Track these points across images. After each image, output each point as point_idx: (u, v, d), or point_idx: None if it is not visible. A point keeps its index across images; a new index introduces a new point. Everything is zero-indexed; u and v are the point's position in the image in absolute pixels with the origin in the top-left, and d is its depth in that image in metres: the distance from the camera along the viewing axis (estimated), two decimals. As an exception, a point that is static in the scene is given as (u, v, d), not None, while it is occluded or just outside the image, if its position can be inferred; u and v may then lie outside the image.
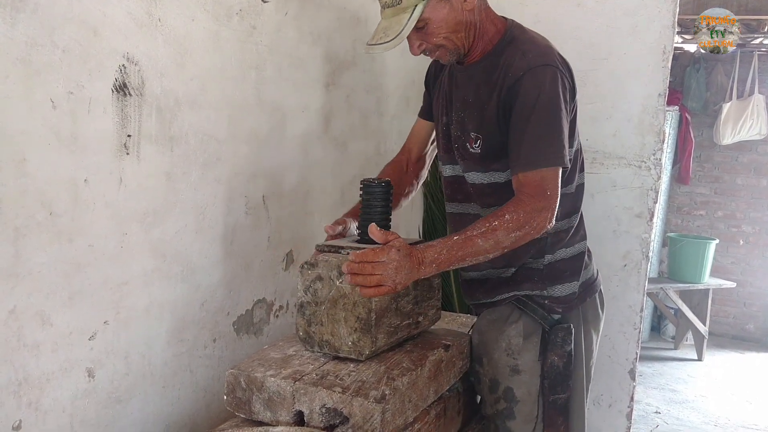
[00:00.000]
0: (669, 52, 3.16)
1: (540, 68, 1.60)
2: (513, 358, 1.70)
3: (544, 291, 1.71)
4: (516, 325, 1.71)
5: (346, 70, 2.63)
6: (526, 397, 1.70)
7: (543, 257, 1.72)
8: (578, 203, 1.78)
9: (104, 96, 1.57)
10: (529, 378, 1.70)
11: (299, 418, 1.37)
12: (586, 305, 1.78)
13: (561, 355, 1.67)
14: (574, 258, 1.76)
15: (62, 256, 1.51)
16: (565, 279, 1.73)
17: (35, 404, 1.50)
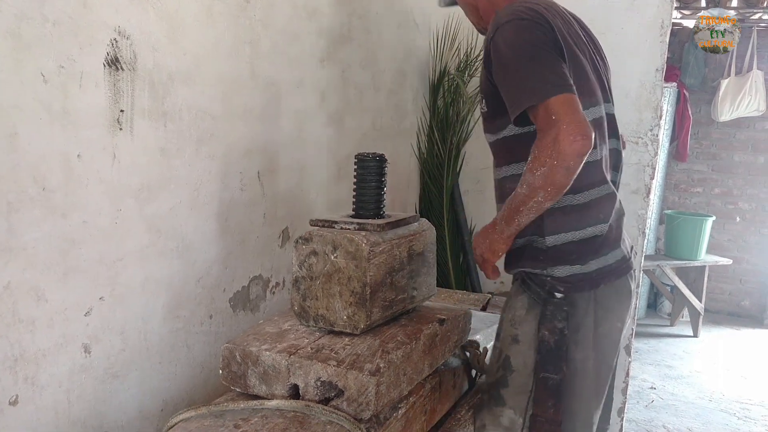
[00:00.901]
0: (667, 27, 3.14)
1: (505, 24, 1.61)
2: (515, 328, 1.70)
3: (545, 270, 1.67)
4: (521, 298, 1.71)
5: (341, 44, 2.60)
6: (521, 368, 1.67)
7: (544, 238, 1.66)
8: (585, 181, 1.63)
9: (96, 70, 1.56)
10: (526, 349, 1.67)
11: (294, 391, 1.37)
12: (602, 291, 1.68)
13: (552, 330, 1.63)
14: (583, 242, 1.66)
15: (56, 231, 1.51)
16: (569, 261, 1.66)
17: (31, 379, 1.50)
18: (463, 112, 3.45)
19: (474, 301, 2.62)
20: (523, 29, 1.59)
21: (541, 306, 1.66)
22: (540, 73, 1.54)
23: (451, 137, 3.49)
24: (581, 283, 1.65)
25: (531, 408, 1.65)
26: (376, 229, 1.50)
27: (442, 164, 3.53)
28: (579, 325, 1.65)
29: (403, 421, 1.46)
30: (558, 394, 1.62)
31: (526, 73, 1.55)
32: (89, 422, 1.67)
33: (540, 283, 1.67)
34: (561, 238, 1.65)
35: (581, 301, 1.65)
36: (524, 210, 1.57)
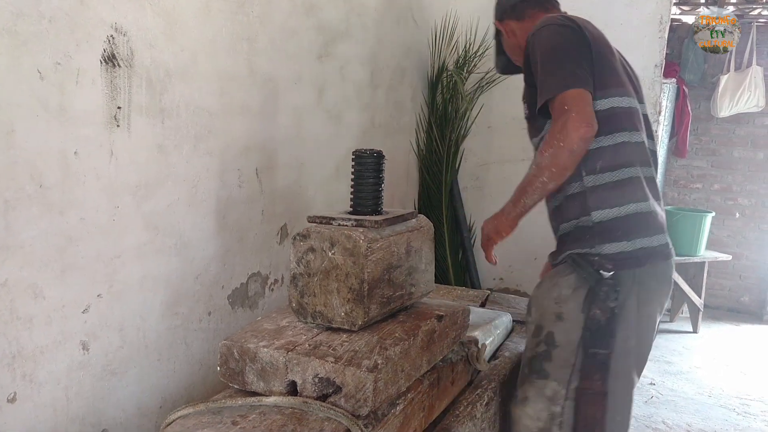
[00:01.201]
0: (666, 23, 3.14)
1: (541, 29, 1.81)
2: (559, 305, 1.78)
3: (593, 248, 1.76)
4: (567, 278, 1.79)
5: (339, 41, 2.60)
6: (565, 343, 1.76)
7: (590, 215, 1.77)
8: (621, 159, 1.78)
9: (93, 67, 1.55)
10: (570, 326, 1.76)
11: (292, 388, 1.37)
12: (645, 271, 1.78)
13: (603, 310, 1.72)
14: (627, 218, 1.76)
15: (53, 228, 1.51)
16: (615, 238, 1.76)
17: (30, 376, 1.50)
18: (461, 108, 3.45)
19: (473, 298, 2.62)
20: (554, 32, 1.80)
21: (590, 286, 1.75)
22: (561, 70, 1.73)
23: (449, 134, 3.49)
24: (628, 261, 1.75)
25: (575, 380, 1.75)
26: (373, 226, 1.49)
27: (441, 161, 3.53)
28: (623, 304, 1.74)
29: (402, 417, 1.45)
30: (606, 367, 1.73)
31: (551, 69, 1.75)
32: (88, 419, 1.67)
33: (589, 262, 1.75)
34: (606, 213, 1.76)
35: (626, 280, 1.75)
36: (530, 190, 1.77)
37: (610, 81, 1.80)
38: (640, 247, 1.77)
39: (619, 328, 1.75)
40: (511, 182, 3.51)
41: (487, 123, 3.60)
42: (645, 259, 1.77)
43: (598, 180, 1.78)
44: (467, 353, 1.84)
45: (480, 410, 1.74)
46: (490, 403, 1.81)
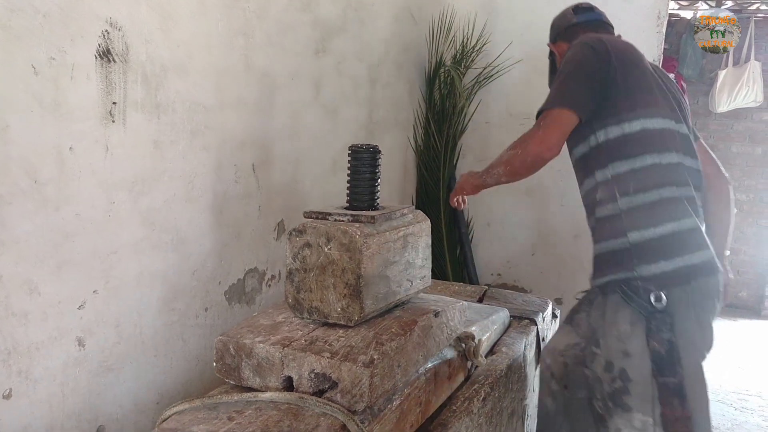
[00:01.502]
0: (663, 18, 3.13)
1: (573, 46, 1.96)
2: (623, 343, 1.80)
3: (633, 272, 1.78)
4: (623, 313, 1.81)
5: (335, 36, 2.59)
6: (639, 378, 1.78)
7: (626, 236, 1.80)
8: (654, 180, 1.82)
9: (87, 62, 1.55)
10: (639, 361, 1.78)
11: (288, 383, 1.37)
12: (694, 290, 1.79)
13: (660, 342, 1.76)
14: (664, 237, 1.78)
15: (49, 224, 1.50)
16: (654, 258, 1.77)
17: (25, 373, 1.50)
18: (459, 104, 3.45)
19: (470, 293, 2.62)
20: (577, 51, 1.92)
21: (645, 320, 1.78)
22: (563, 87, 1.88)
23: (447, 129, 3.48)
24: (671, 280, 1.76)
25: (658, 407, 1.77)
26: (369, 221, 1.49)
27: (438, 156, 3.52)
28: (683, 331, 1.77)
29: (398, 412, 1.45)
30: (681, 392, 1.76)
31: (558, 84, 1.91)
32: (84, 415, 1.67)
33: (635, 291, 1.77)
34: (642, 234, 1.78)
35: (681, 307, 1.77)
36: (491, 172, 2.06)
37: (640, 102, 1.85)
38: (682, 265, 1.78)
39: (684, 354, 1.77)
40: (509, 178, 3.51)
41: (484, 119, 3.59)
42: (688, 277, 1.78)
43: (633, 201, 1.81)
44: (464, 349, 1.84)
45: (477, 405, 1.74)
46: (487, 398, 1.81)
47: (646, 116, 1.85)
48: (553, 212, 3.49)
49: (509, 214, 3.61)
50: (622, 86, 1.85)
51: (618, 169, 1.85)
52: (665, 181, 1.83)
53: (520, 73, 3.45)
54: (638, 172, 1.83)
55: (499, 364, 1.98)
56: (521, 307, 2.55)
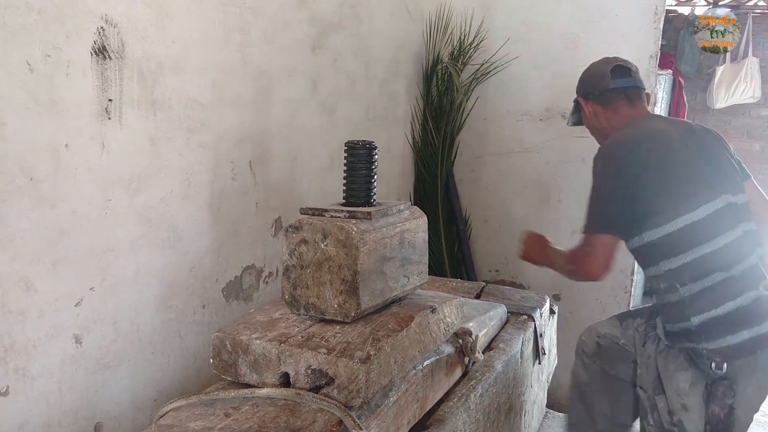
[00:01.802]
0: (661, 14, 3.13)
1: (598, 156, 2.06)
2: (681, 398, 1.92)
3: (700, 344, 1.87)
4: (685, 374, 1.92)
5: (332, 32, 2.59)
6: (694, 429, 1.90)
7: (689, 320, 1.89)
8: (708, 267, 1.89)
9: (83, 59, 1.54)
10: (696, 416, 1.89)
11: (285, 379, 1.37)
12: (757, 358, 1.86)
13: (722, 407, 1.86)
14: (726, 316, 1.86)
15: (45, 221, 1.50)
16: (719, 335, 1.86)
17: (22, 370, 1.50)
18: (456, 100, 3.44)
19: (468, 290, 2.62)
20: (603, 167, 2.02)
21: (707, 383, 1.88)
22: (597, 209, 2.01)
23: (445, 126, 3.48)
24: (736, 353, 1.85)
25: None
26: (366, 217, 1.49)
27: (436, 153, 3.52)
28: (744, 395, 1.86)
29: (395, 408, 1.46)
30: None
31: (592, 204, 2.02)
32: (81, 412, 1.67)
33: (701, 357, 1.88)
34: (704, 316, 1.87)
35: (744, 373, 1.86)
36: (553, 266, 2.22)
37: (680, 198, 1.92)
38: (748, 338, 1.85)
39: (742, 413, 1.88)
40: (507, 174, 3.53)
41: (482, 115, 3.59)
42: (754, 348, 1.85)
43: (692, 289, 1.90)
44: (461, 344, 1.84)
45: (474, 401, 1.74)
46: (485, 394, 1.81)
47: (687, 211, 1.90)
48: (551, 208, 3.49)
49: (507, 211, 3.61)
50: (656, 190, 1.92)
51: (670, 266, 1.94)
52: (719, 266, 1.89)
53: (518, 69, 3.45)
54: (691, 264, 1.90)
55: (497, 360, 1.99)
56: (519, 303, 2.55)
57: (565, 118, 3.36)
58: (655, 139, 2.01)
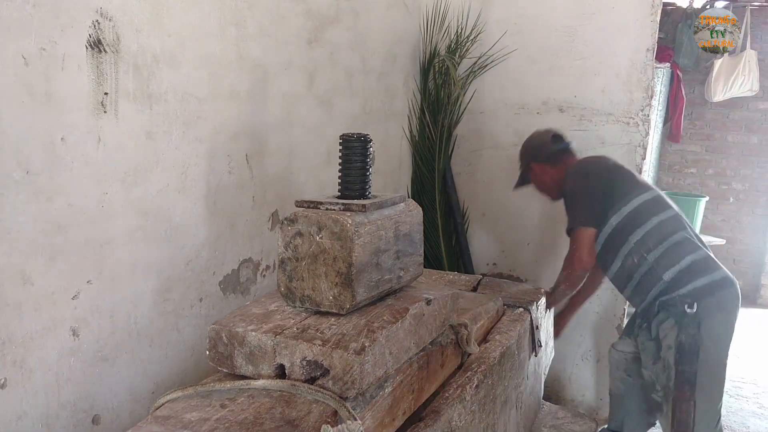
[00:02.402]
0: (658, 6, 3.13)
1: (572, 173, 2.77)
2: (666, 339, 2.45)
3: (674, 293, 2.44)
4: (668, 321, 2.46)
5: (329, 26, 2.59)
6: (672, 365, 2.42)
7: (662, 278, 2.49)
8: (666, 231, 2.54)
9: (78, 52, 1.55)
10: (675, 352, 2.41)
11: (281, 371, 1.38)
12: (720, 298, 2.43)
13: (689, 336, 2.37)
14: (688, 268, 2.47)
15: (41, 215, 1.51)
16: (687, 282, 2.44)
17: (20, 363, 1.51)
18: (454, 94, 3.44)
19: (465, 282, 2.63)
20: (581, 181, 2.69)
21: (677, 319, 2.41)
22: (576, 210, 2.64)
23: (442, 119, 3.48)
24: (701, 293, 2.41)
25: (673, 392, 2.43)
26: (361, 210, 1.49)
27: (433, 147, 3.53)
28: (709, 329, 2.39)
29: (390, 399, 1.47)
30: (692, 380, 2.37)
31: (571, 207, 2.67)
32: (79, 405, 1.68)
33: (673, 303, 2.43)
34: (673, 270, 2.48)
35: (707, 312, 2.39)
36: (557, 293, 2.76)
37: (632, 188, 2.63)
38: (707, 282, 2.43)
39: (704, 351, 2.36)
40: (504, 167, 3.53)
41: (479, 108, 3.59)
42: (713, 290, 2.42)
43: (657, 253, 2.51)
44: (457, 337, 1.85)
45: (470, 393, 1.75)
46: (480, 385, 1.82)
47: (638, 195, 2.59)
48: (548, 202, 3.49)
49: (505, 204, 3.61)
50: (617, 185, 2.62)
51: (636, 237, 2.55)
52: (674, 229, 2.54)
53: (515, 62, 3.45)
54: (650, 232, 2.54)
55: (493, 352, 2.00)
56: (515, 296, 2.56)
57: (562, 111, 3.37)
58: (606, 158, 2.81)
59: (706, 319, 2.38)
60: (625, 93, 3.22)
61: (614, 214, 2.58)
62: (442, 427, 1.58)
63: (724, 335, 2.46)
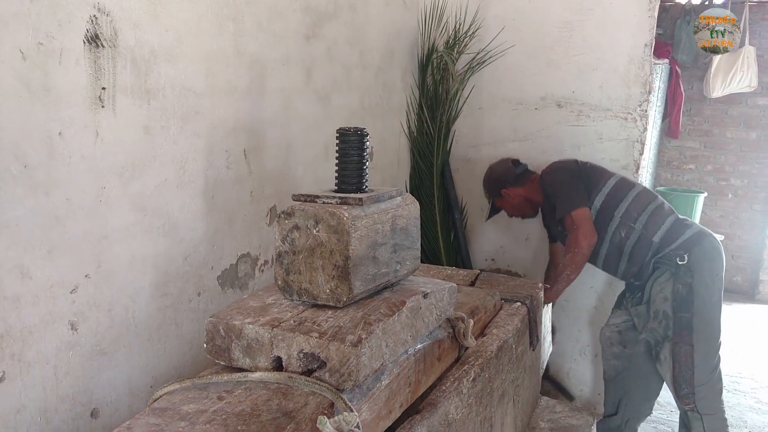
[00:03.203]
0: (656, 2, 3.13)
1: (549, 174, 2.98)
2: (662, 292, 2.70)
3: (666, 250, 2.71)
4: (664, 275, 2.70)
5: (327, 21, 2.59)
6: (671, 313, 2.66)
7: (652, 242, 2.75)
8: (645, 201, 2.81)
9: (76, 47, 1.55)
10: (671, 302, 2.66)
11: (278, 363, 1.38)
12: (703, 247, 2.69)
13: (684, 284, 2.63)
14: (672, 226, 2.76)
15: (39, 209, 1.51)
16: (674, 238, 2.72)
17: (18, 356, 1.51)
18: (452, 89, 3.45)
19: (463, 277, 2.63)
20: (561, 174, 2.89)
21: (672, 271, 2.66)
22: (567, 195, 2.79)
23: (440, 115, 3.49)
24: (689, 244, 2.69)
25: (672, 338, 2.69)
26: (357, 203, 1.50)
27: (432, 142, 3.53)
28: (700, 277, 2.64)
29: (387, 392, 1.47)
30: (690, 326, 2.63)
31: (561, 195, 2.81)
32: (78, 398, 1.69)
33: (668, 258, 2.69)
34: (661, 232, 2.75)
35: (697, 262, 2.64)
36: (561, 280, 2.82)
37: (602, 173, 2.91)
38: (691, 235, 2.72)
39: (698, 297, 2.62)
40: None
41: (477, 104, 3.60)
42: (699, 240, 2.70)
43: (642, 220, 2.77)
44: (454, 330, 1.86)
45: (467, 386, 1.76)
46: (477, 379, 1.83)
47: (610, 177, 2.88)
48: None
49: (503, 200, 3.62)
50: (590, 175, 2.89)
51: (621, 211, 2.80)
52: (650, 199, 2.83)
53: (513, 58, 3.45)
54: (632, 203, 2.80)
55: (490, 346, 2.00)
56: (513, 290, 2.56)
57: (560, 106, 3.38)
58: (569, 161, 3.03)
59: (696, 268, 2.64)
60: (623, 88, 3.23)
61: (596, 196, 2.82)
62: (438, 420, 1.59)
63: (713, 282, 2.68)
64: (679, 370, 2.68)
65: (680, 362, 2.66)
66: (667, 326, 2.69)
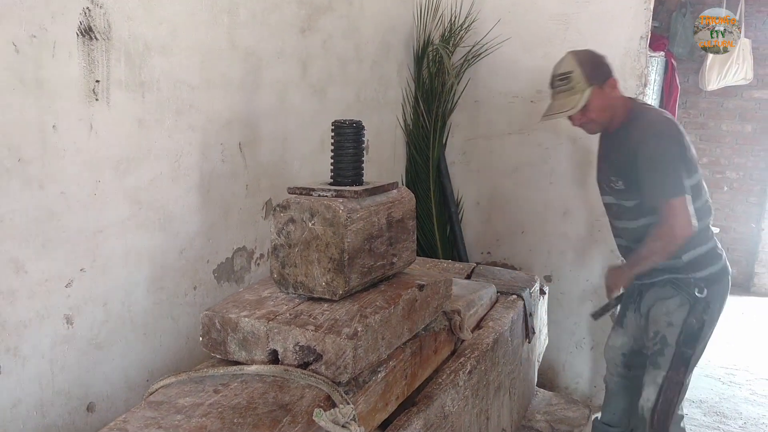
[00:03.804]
0: (651, -6, 3.12)
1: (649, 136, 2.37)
2: (668, 317, 2.47)
3: (689, 274, 2.44)
4: (673, 299, 2.47)
5: (322, 14, 2.58)
6: (672, 343, 2.45)
7: (681, 258, 2.42)
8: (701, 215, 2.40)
9: (69, 40, 1.54)
10: (677, 330, 2.44)
11: (274, 356, 1.39)
12: (723, 286, 2.47)
13: (698, 319, 2.41)
14: (707, 252, 2.46)
15: (34, 202, 1.51)
16: (704, 267, 2.44)
17: (13, 350, 1.51)
18: (448, 82, 3.44)
19: (459, 270, 2.64)
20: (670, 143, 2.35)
21: (690, 302, 2.43)
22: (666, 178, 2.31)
23: (436, 108, 3.48)
24: (712, 279, 2.44)
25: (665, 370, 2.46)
26: (353, 196, 1.50)
27: (428, 136, 3.53)
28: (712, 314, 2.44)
29: (383, 384, 1.47)
30: (688, 363, 2.45)
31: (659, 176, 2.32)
32: (74, 392, 1.69)
33: (687, 285, 2.44)
34: (691, 253, 2.43)
35: (714, 298, 2.44)
36: (644, 263, 2.45)
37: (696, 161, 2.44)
38: (718, 269, 2.46)
39: (702, 335, 2.43)
40: (499, 156, 3.54)
41: (473, 97, 3.59)
42: (721, 277, 2.47)
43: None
44: (450, 323, 1.86)
45: (463, 378, 1.76)
46: (473, 371, 1.83)
47: (696, 171, 2.43)
48: (542, 190, 3.50)
49: (499, 193, 3.62)
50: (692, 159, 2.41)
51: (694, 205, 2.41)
52: (704, 215, 2.45)
53: (509, 51, 3.44)
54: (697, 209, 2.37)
55: (486, 339, 2.01)
56: (509, 283, 2.57)
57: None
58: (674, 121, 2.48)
59: (712, 305, 2.43)
60: (619, 81, 3.22)
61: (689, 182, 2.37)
62: (435, 412, 1.59)
63: (716, 321, 2.52)
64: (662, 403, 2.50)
65: (666, 396, 2.49)
66: (661, 353, 2.48)
